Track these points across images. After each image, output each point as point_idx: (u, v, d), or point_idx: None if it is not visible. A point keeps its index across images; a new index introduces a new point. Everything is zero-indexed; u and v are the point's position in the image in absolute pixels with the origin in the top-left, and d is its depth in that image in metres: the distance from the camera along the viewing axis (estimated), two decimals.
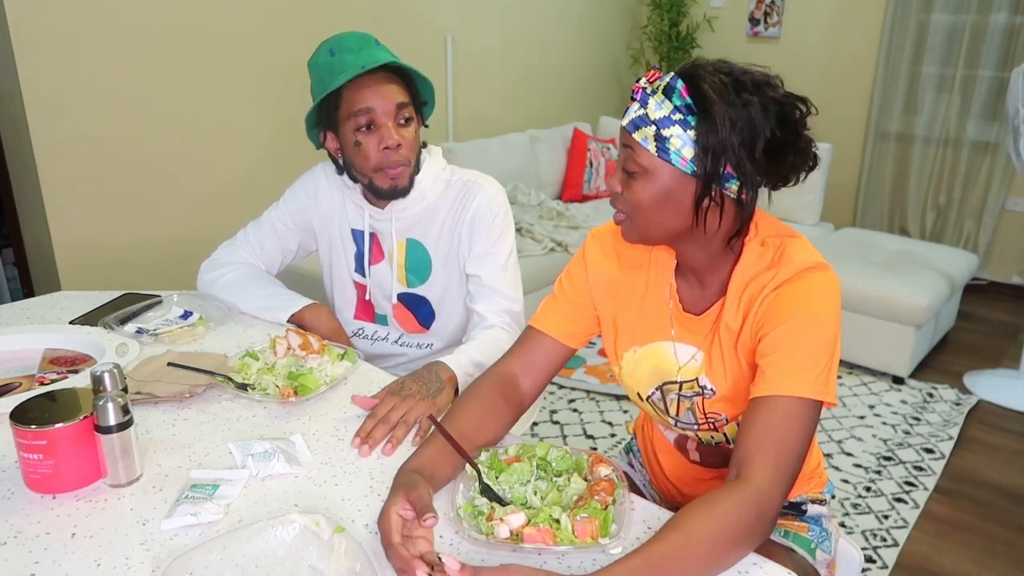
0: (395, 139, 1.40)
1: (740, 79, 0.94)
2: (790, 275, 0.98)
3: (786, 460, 0.91)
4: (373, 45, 1.42)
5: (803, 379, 0.93)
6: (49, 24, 2.41)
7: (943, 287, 3.14)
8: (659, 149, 0.95)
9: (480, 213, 1.50)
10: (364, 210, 1.54)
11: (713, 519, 0.85)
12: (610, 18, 4.83)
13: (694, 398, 1.09)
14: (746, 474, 0.90)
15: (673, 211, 0.98)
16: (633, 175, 0.98)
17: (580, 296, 1.17)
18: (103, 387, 1.02)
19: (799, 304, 0.96)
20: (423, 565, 0.81)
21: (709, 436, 1.14)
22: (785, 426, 0.92)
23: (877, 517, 2.28)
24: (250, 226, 1.65)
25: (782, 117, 0.94)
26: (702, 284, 1.08)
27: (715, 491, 0.88)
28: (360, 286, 1.62)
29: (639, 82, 0.98)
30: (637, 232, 1.04)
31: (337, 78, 1.38)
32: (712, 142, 0.92)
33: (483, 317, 1.47)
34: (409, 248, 1.55)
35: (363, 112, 1.38)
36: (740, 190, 0.96)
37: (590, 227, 3.63)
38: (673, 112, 0.94)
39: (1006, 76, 3.74)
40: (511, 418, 1.14)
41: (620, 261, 1.15)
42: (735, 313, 1.02)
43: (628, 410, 2.86)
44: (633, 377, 1.15)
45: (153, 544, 0.91)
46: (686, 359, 1.09)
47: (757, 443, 0.91)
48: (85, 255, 2.64)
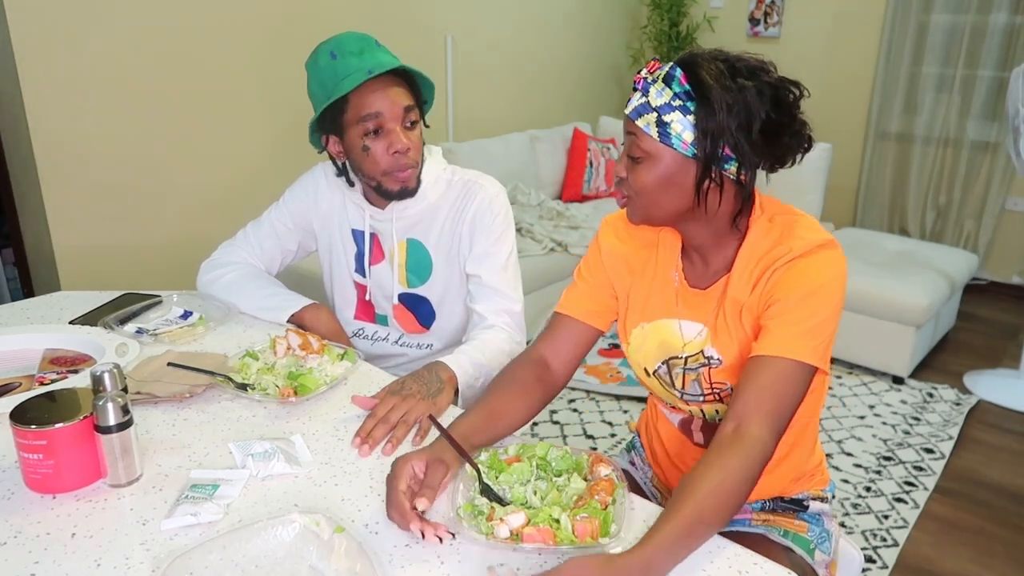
0: (405, 143, 1.39)
1: (735, 65, 0.99)
2: (803, 250, 1.03)
3: (783, 418, 0.98)
4: (374, 47, 1.41)
5: (807, 345, 0.99)
6: (49, 24, 2.41)
7: (943, 287, 3.14)
8: (661, 134, 0.99)
9: (481, 213, 1.49)
10: (365, 210, 1.54)
11: (725, 476, 0.91)
12: (610, 18, 4.84)
13: (700, 369, 1.13)
14: (746, 428, 0.96)
15: (675, 193, 1.03)
16: (637, 160, 1.03)
17: (598, 277, 1.23)
18: (103, 387, 1.02)
19: (811, 277, 1.01)
20: (417, 519, 0.89)
21: (714, 410, 1.16)
22: (785, 385, 0.99)
23: (877, 517, 2.28)
24: (250, 226, 1.65)
25: (776, 100, 0.98)
26: (706, 262, 1.12)
27: (719, 449, 0.95)
28: (360, 286, 1.62)
29: (640, 73, 1.03)
30: (641, 213, 1.08)
31: (343, 83, 1.36)
32: (711, 126, 0.97)
33: (483, 317, 1.46)
34: (410, 248, 1.55)
35: (371, 117, 1.37)
36: (739, 171, 1.01)
37: (590, 227, 3.65)
38: (673, 99, 0.99)
39: (1006, 76, 3.74)
40: (542, 397, 1.19)
41: (632, 242, 1.21)
42: (743, 286, 1.07)
43: (628, 410, 2.87)
44: (640, 352, 1.19)
45: (153, 544, 0.91)
46: (692, 335, 1.13)
47: (758, 399, 0.97)
48: (85, 255, 2.64)
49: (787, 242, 1.04)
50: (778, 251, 1.04)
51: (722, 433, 0.97)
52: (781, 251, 1.04)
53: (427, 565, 0.88)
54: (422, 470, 0.96)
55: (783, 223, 1.07)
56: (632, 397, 2.94)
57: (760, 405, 0.97)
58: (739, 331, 1.08)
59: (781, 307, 1.01)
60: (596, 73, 4.86)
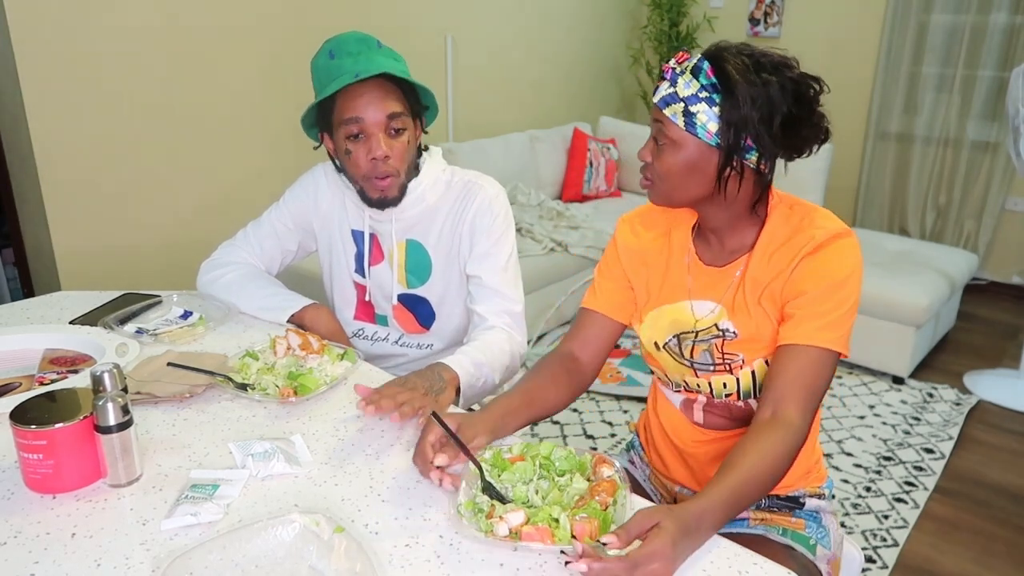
0: (382, 151, 1.39)
1: (760, 60, 1.04)
2: (824, 239, 1.09)
3: (814, 402, 1.06)
4: (374, 48, 1.41)
5: (834, 334, 1.06)
6: (49, 25, 2.41)
7: (943, 287, 3.14)
8: (687, 124, 1.05)
9: (481, 214, 1.49)
10: (364, 211, 1.54)
11: (765, 457, 0.98)
12: (610, 18, 4.84)
13: (712, 341, 1.17)
14: (782, 413, 1.03)
15: (698, 178, 1.09)
16: (662, 146, 1.09)
17: (615, 271, 1.28)
18: (103, 387, 1.02)
19: (835, 269, 1.08)
20: (435, 470, 0.99)
21: (722, 383, 1.18)
22: (816, 372, 1.06)
23: (877, 517, 2.28)
24: (250, 226, 1.65)
25: (798, 95, 1.04)
26: (723, 242, 1.18)
27: (759, 431, 1.02)
28: (360, 287, 1.62)
29: (669, 63, 1.09)
30: (663, 196, 1.14)
31: (331, 84, 1.36)
32: (735, 118, 1.03)
33: (484, 318, 1.46)
34: (409, 249, 1.55)
35: (352, 121, 1.37)
36: (759, 161, 1.07)
37: (590, 227, 3.65)
38: (700, 91, 1.04)
39: (1006, 76, 3.74)
40: (572, 388, 1.25)
41: (646, 235, 1.27)
42: (764, 267, 1.13)
43: (628, 410, 2.87)
44: (653, 328, 1.24)
45: (153, 544, 0.91)
46: (704, 313, 1.18)
47: (791, 385, 1.05)
48: (85, 255, 2.64)
49: (808, 230, 1.10)
50: (800, 239, 1.10)
51: (761, 418, 1.05)
52: (803, 239, 1.10)
53: (427, 565, 0.88)
54: (454, 428, 1.03)
55: (801, 211, 1.14)
56: (632, 397, 2.94)
57: (794, 392, 1.04)
58: (757, 309, 1.13)
59: (808, 299, 1.07)
60: (596, 73, 4.86)
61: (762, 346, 1.13)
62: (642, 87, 5.05)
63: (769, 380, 1.08)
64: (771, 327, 1.12)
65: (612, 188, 4.37)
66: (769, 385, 1.07)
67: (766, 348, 1.13)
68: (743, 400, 1.19)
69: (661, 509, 0.87)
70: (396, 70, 1.37)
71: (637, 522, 0.85)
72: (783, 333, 1.09)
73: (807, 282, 1.08)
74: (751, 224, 1.15)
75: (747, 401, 1.19)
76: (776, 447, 0.99)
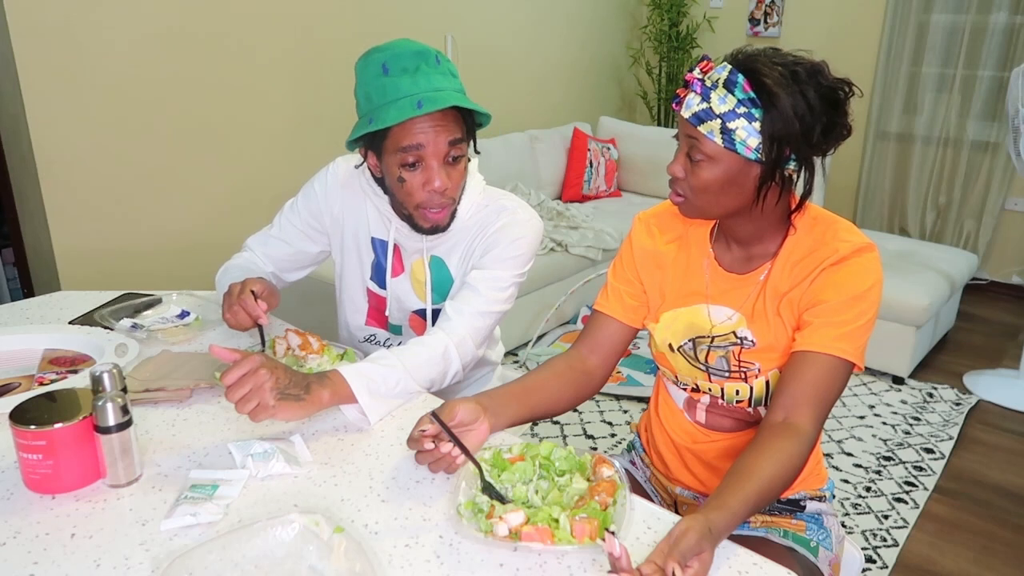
0: (443, 183, 1.29)
1: (795, 69, 1.01)
2: (848, 252, 1.08)
3: (825, 412, 1.05)
4: (432, 66, 1.27)
5: (851, 345, 1.05)
6: (49, 24, 2.41)
7: (943, 287, 3.14)
8: (725, 141, 1.02)
9: (503, 233, 1.40)
10: (391, 222, 1.45)
11: (780, 465, 0.97)
12: (610, 18, 4.84)
13: (730, 348, 1.16)
14: (795, 420, 1.02)
15: (735, 192, 1.07)
16: (698, 163, 1.06)
17: (628, 274, 1.27)
18: (102, 387, 1.02)
19: (857, 281, 1.07)
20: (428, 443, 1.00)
21: (734, 390, 1.17)
22: (830, 381, 1.05)
23: (877, 517, 2.28)
24: (273, 226, 1.56)
25: (834, 101, 1.03)
26: (745, 250, 1.16)
27: (771, 436, 1.01)
28: (377, 297, 1.54)
29: (693, 72, 1.06)
30: (697, 211, 1.12)
31: (388, 111, 1.24)
32: (777, 132, 1.00)
33: (447, 316, 1.37)
34: (432, 266, 1.47)
35: (411, 149, 1.27)
36: (797, 170, 1.06)
37: (590, 227, 3.64)
38: (737, 106, 1.01)
39: (1006, 76, 3.74)
40: (577, 385, 1.23)
41: (662, 237, 1.25)
42: (785, 276, 1.12)
43: (628, 410, 2.87)
44: (668, 331, 1.22)
45: (153, 544, 0.91)
46: (721, 319, 1.17)
47: (805, 392, 1.03)
48: (85, 255, 2.64)
49: (832, 243, 1.09)
50: (824, 252, 1.09)
51: (772, 422, 1.03)
52: (827, 252, 1.09)
53: (427, 565, 0.88)
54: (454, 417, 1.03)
55: (824, 223, 1.12)
56: (632, 397, 2.94)
57: (807, 399, 1.03)
58: (776, 320, 1.12)
59: (828, 308, 1.06)
60: (596, 73, 4.86)
61: (778, 356, 1.12)
62: (642, 87, 5.05)
63: (782, 384, 1.06)
64: (788, 337, 1.11)
65: (612, 188, 4.37)
66: (782, 390, 1.05)
67: (782, 358, 1.12)
68: (753, 407, 1.18)
69: (697, 527, 0.84)
70: (463, 102, 1.27)
71: (689, 546, 0.82)
72: (799, 339, 1.07)
73: (828, 292, 1.07)
74: (778, 233, 1.14)
75: (756, 408, 1.18)
76: (792, 456, 0.98)
